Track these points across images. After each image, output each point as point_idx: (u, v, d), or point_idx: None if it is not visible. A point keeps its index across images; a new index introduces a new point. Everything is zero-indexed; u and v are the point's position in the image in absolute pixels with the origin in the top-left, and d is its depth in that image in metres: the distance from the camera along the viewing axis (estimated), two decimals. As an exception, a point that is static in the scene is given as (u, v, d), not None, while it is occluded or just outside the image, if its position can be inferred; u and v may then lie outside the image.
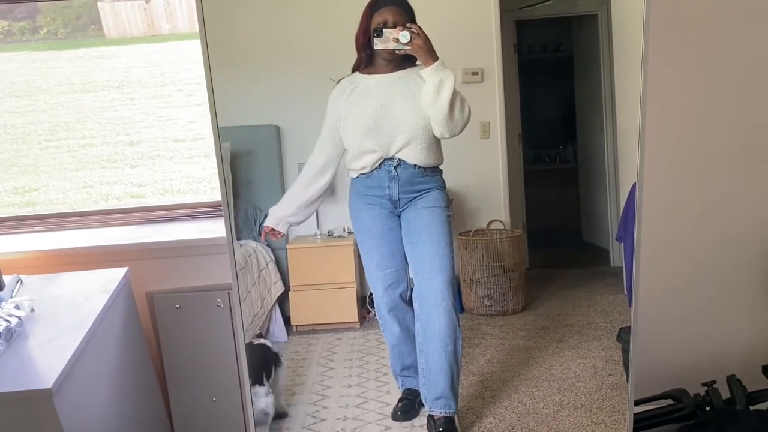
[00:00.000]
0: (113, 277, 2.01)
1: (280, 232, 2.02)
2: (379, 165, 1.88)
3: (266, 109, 2.23)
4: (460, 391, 1.98)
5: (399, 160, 1.87)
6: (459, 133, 1.83)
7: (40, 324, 1.76)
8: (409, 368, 2.03)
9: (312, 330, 2.26)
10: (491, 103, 2.16)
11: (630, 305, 1.68)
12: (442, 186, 1.92)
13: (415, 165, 1.87)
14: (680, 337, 2.10)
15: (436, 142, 1.87)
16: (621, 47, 2.15)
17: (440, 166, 1.92)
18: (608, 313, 2.27)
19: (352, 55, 1.90)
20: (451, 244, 1.91)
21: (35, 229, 2.43)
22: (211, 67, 1.55)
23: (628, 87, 1.98)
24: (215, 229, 2.29)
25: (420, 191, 1.90)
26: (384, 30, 1.75)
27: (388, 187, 1.89)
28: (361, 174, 1.91)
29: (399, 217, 1.94)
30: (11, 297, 1.91)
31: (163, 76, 3.35)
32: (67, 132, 3.29)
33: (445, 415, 1.92)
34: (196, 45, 1.54)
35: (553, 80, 2.55)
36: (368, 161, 1.88)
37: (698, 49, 1.97)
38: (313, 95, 2.15)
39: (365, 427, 1.92)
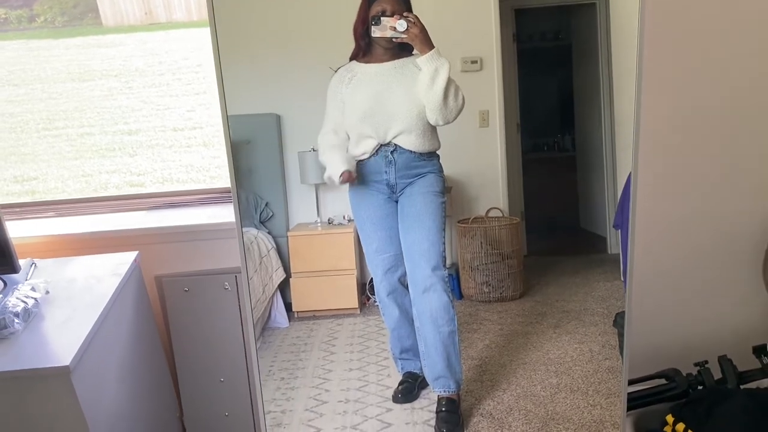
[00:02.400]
0: (124, 260, 2.05)
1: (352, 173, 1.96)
2: (377, 151, 1.91)
3: (267, 98, 2.24)
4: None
5: (395, 145, 1.90)
6: (453, 120, 1.85)
7: (55, 305, 1.81)
8: (408, 351, 2.06)
9: (313, 316, 2.28)
10: (490, 91, 2.18)
11: (626, 290, 1.71)
12: (439, 170, 1.95)
13: (411, 150, 1.90)
14: (674, 319, 2.14)
15: (431, 129, 1.90)
16: (619, 36, 2.16)
17: (438, 152, 1.95)
18: (605, 300, 2.29)
19: (351, 45, 1.92)
20: (443, 230, 1.94)
21: (47, 214, 2.46)
22: (220, 56, 1.56)
23: (626, 76, 2.00)
24: (223, 214, 2.31)
25: (417, 175, 1.93)
26: (382, 18, 1.77)
27: (386, 172, 1.92)
28: (360, 160, 1.93)
29: (396, 202, 1.97)
30: (26, 279, 1.95)
31: (161, 65, 3.34)
32: (65, 121, 3.28)
33: (447, 395, 1.96)
34: (194, 34, 1.55)
35: (552, 69, 2.56)
36: (367, 147, 1.91)
37: (694, 39, 1.98)
38: (313, 84, 2.16)
39: (366, 409, 1.95)
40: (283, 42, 2.15)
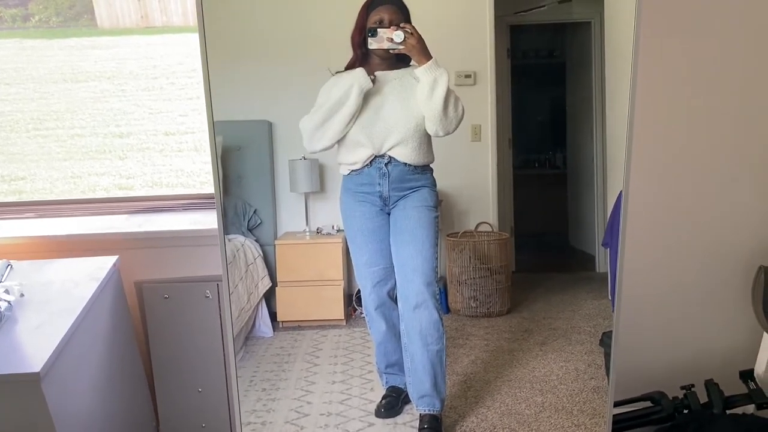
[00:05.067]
0: (103, 265, 2.01)
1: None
2: (370, 162, 1.89)
3: (258, 105, 2.23)
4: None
5: (390, 157, 1.88)
6: (453, 131, 1.84)
7: (30, 309, 1.77)
8: (393, 366, 2.04)
9: (298, 326, 2.26)
10: (483, 106, 2.18)
11: (614, 310, 1.70)
12: (433, 184, 1.94)
13: (406, 163, 1.88)
14: (661, 341, 2.13)
15: (427, 142, 1.89)
16: (613, 55, 2.17)
17: (431, 165, 1.94)
18: (592, 318, 2.29)
19: (346, 53, 1.91)
20: (436, 245, 1.93)
21: (26, 215, 2.42)
22: (208, 62, 1.55)
23: (619, 95, 2.01)
24: (206, 220, 2.28)
25: (410, 189, 1.91)
26: (378, 29, 1.77)
27: (379, 184, 1.90)
28: (352, 171, 1.92)
29: (389, 215, 1.95)
30: (1, 281, 1.91)
31: (155, 68, 3.33)
32: (56, 121, 3.25)
33: (430, 413, 1.94)
34: (190, 38, 1.54)
35: (545, 86, 2.57)
36: (359, 157, 1.89)
37: (687, 61, 1.99)
38: (306, 92, 2.14)
39: (348, 423, 1.92)
40: (277, 49, 2.15)
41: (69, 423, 1.58)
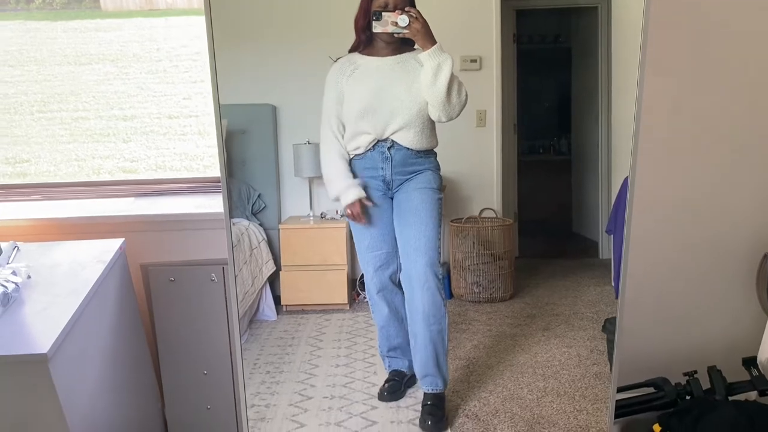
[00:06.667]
0: (109, 247, 2.01)
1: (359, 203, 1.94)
2: (373, 146, 1.89)
3: (263, 88, 2.23)
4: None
5: (393, 141, 1.88)
6: (456, 117, 1.84)
7: (37, 290, 1.76)
8: (395, 349, 2.05)
9: (302, 310, 2.27)
10: (488, 91, 2.17)
11: (617, 297, 1.71)
12: (436, 167, 1.94)
13: (409, 148, 1.88)
14: (664, 328, 2.13)
15: (431, 127, 1.88)
16: (620, 41, 2.16)
17: (435, 150, 1.93)
18: (595, 304, 2.29)
19: (351, 36, 1.91)
20: (439, 226, 1.93)
21: (33, 197, 2.42)
22: (215, 44, 1.54)
23: (625, 81, 2.00)
24: (211, 204, 2.28)
25: (413, 172, 1.91)
26: (383, 13, 1.76)
27: (382, 168, 1.90)
28: (355, 155, 1.92)
29: (392, 199, 1.95)
30: (8, 263, 1.91)
31: (159, 51, 3.32)
32: (60, 104, 3.25)
33: (433, 392, 1.96)
34: (194, 21, 1.53)
35: (551, 71, 2.56)
36: (362, 142, 1.89)
37: (695, 51, 1.98)
38: (311, 76, 2.14)
39: (352, 406, 1.94)
40: (282, 33, 2.14)
41: (76, 403, 1.59)
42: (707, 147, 2.05)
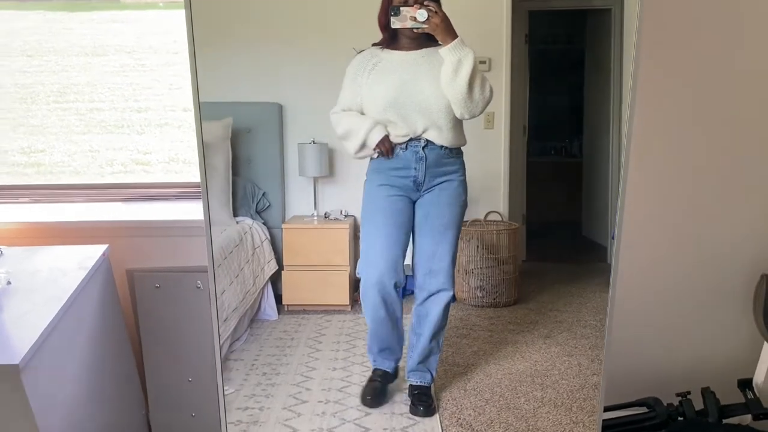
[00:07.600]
0: (92, 254, 1.97)
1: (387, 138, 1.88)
2: (406, 146, 1.86)
3: (269, 87, 2.22)
4: (443, 382, 2.05)
5: (426, 140, 1.85)
6: (479, 114, 1.81)
7: (16, 297, 1.71)
8: (385, 350, 2.03)
9: (303, 310, 2.27)
10: (497, 93, 2.13)
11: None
12: (464, 170, 1.92)
13: (442, 146, 1.86)
14: (658, 346, 2.10)
15: (460, 122, 1.85)
16: (631, 44, 2.10)
17: (462, 147, 1.92)
18: (599, 311, 2.26)
19: (361, 35, 1.89)
20: (458, 238, 1.95)
21: (20, 200, 2.42)
22: (194, 41, 1.54)
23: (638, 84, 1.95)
24: (200, 210, 2.27)
25: (444, 174, 1.89)
26: (401, 9, 1.72)
27: (415, 168, 1.87)
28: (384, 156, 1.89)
29: (414, 203, 1.92)
30: (-10, 268, 1.87)
31: (175, 43, 3.32)
32: (76, 95, 3.28)
33: (420, 384, 1.99)
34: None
35: (563, 73, 2.51)
36: (395, 134, 1.86)
37: (693, 57, 1.92)
38: (318, 76, 2.13)
39: (346, 411, 1.94)
40: (290, 31, 2.13)
41: (51, 415, 1.54)
42: (705, 166, 2.00)
